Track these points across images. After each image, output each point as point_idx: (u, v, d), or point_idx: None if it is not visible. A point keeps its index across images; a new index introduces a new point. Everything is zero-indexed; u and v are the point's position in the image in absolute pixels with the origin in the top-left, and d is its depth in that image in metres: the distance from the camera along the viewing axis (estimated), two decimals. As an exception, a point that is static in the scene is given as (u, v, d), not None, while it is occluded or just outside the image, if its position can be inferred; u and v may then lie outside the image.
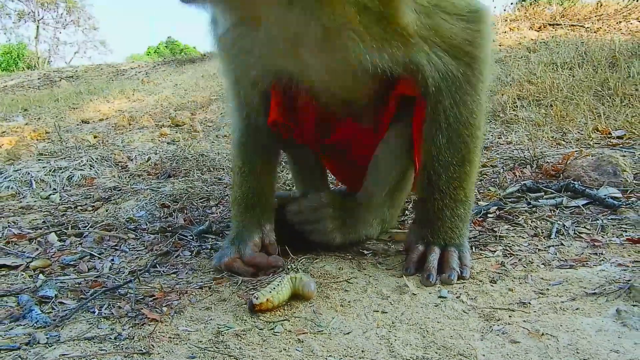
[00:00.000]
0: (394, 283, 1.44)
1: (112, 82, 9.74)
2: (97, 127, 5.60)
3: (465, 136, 1.52)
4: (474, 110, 1.51)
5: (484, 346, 1.09)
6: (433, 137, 1.53)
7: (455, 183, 1.53)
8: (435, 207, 1.54)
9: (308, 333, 1.17)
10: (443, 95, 1.48)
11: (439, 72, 1.46)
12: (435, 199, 1.54)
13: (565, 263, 1.53)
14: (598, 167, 2.24)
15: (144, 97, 7.60)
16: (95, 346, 1.13)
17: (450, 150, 1.52)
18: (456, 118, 1.50)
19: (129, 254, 1.73)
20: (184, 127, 5.33)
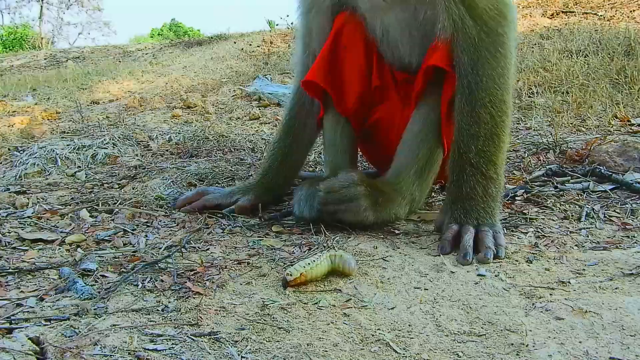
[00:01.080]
0: (431, 261, 1.45)
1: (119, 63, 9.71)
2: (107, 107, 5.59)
3: (489, 106, 1.54)
4: (494, 79, 1.54)
5: (529, 322, 1.11)
6: (460, 108, 1.57)
7: (485, 157, 1.55)
8: (469, 186, 1.56)
9: (353, 308, 1.19)
10: (461, 53, 1.54)
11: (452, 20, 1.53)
12: (468, 175, 1.56)
13: (598, 245, 1.54)
14: (623, 153, 2.25)
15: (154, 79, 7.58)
16: (143, 317, 1.15)
17: (476, 121, 1.54)
18: (477, 83, 1.54)
19: (162, 231, 1.74)
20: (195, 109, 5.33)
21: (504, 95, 1.55)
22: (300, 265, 1.32)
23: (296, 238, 1.64)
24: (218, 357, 0.99)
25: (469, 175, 1.56)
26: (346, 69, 1.89)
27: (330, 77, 1.88)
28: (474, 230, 1.51)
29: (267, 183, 1.98)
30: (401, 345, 1.03)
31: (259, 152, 2.80)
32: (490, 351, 1.00)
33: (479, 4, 1.51)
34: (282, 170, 1.99)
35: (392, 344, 1.03)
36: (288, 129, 2.00)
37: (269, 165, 2.00)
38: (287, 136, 2.00)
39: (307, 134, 2.02)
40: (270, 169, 1.99)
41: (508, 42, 1.55)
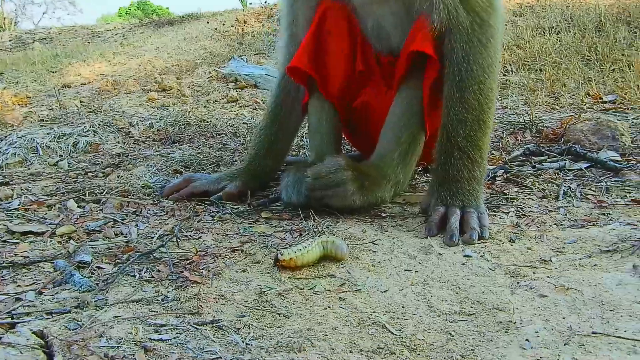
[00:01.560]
0: (418, 244, 1.51)
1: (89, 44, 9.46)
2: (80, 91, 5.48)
3: (477, 93, 1.61)
4: (483, 67, 1.62)
5: (515, 300, 1.17)
6: (450, 94, 1.64)
7: (472, 141, 1.61)
8: (455, 169, 1.62)
9: (347, 292, 1.24)
10: (453, 42, 1.60)
11: (446, 9, 1.59)
12: (456, 159, 1.62)
13: (576, 223, 1.61)
14: (597, 131, 2.33)
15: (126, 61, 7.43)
16: (144, 308, 1.17)
17: (465, 107, 1.61)
18: (468, 71, 1.61)
19: (152, 220, 1.75)
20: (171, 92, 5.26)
21: (491, 83, 1.62)
22: (292, 250, 1.36)
23: (286, 224, 1.68)
24: (223, 344, 1.02)
25: (457, 158, 1.61)
26: (330, 53, 1.91)
27: (315, 62, 1.90)
28: (459, 212, 1.57)
29: (254, 169, 2.00)
30: (396, 327, 1.08)
31: (241, 136, 2.81)
32: (480, 329, 1.06)
33: None
34: (269, 157, 2.02)
35: (388, 326, 1.08)
36: (274, 116, 2.02)
37: (256, 152, 2.02)
38: (272, 123, 2.02)
39: (292, 121, 2.05)
40: (257, 156, 2.01)
41: (497, 32, 1.63)
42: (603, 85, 3.72)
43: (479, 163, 1.65)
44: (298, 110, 2.03)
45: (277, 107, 2.03)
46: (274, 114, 2.03)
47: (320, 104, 1.95)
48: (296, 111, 2.03)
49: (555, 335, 1.02)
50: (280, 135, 2.03)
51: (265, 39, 7.19)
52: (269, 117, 2.04)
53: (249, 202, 1.89)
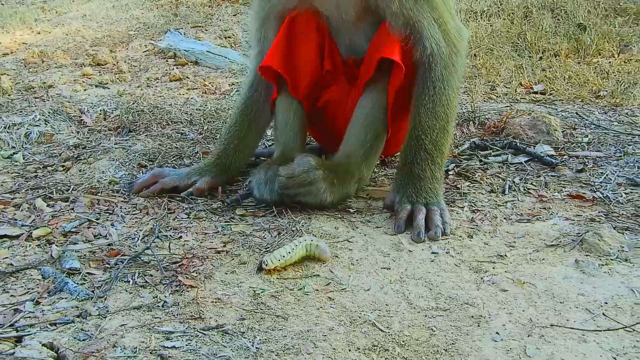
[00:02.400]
0: (389, 241, 1.65)
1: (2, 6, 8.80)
2: (3, 63, 5.16)
3: (446, 107, 1.86)
4: (453, 88, 1.87)
5: (481, 295, 1.35)
6: (421, 103, 1.83)
7: (437, 146, 1.82)
8: (420, 168, 1.79)
9: (334, 291, 1.36)
10: (434, 65, 1.82)
11: (434, 41, 1.81)
12: (421, 160, 1.81)
13: (522, 217, 1.82)
14: (534, 126, 2.56)
15: (50, 29, 7.01)
16: (147, 314, 1.24)
17: (435, 116, 1.82)
18: (441, 89, 1.84)
19: (127, 219, 1.78)
20: (107, 67, 5.08)
21: (456, 99, 1.89)
22: (276, 257, 1.46)
23: (263, 222, 1.77)
24: (234, 349, 1.12)
25: (422, 159, 1.79)
26: (300, 54, 1.98)
27: (285, 61, 1.97)
28: (425, 210, 1.73)
29: (223, 164, 2.06)
30: (384, 325, 1.23)
31: (197, 124, 2.82)
32: (456, 324, 1.23)
33: (450, 30, 1.83)
34: (237, 152, 2.08)
35: (377, 324, 1.22)
36: (244, 115, 2.09)
37: (225, 147, 2.07)
38: (243, 121, 2.08)
39: (262, 121, 2.13)
40: (226, 151, 2.07)
41: (463, 58, 1.91)
42: (533, 74, 4.01)
43: (440, 165, 1.84)
44: (267, 112, 2.10)
45: (247, 108, 2.09)
46: (244, 114, 2.09)
47: (289, 101, 2.03)
48: (266, 113, 2.11)
49: (520, 328, 1.21)
50: (250, 133, 2.09)
51: (201, 10, 7.02)
52: (239, 116, 2.10)
53: (222, 198, 1.95)
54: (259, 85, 2.11)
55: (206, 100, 3.34)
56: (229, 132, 2.10)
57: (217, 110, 3.02)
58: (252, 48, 2.11)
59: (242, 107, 2.10)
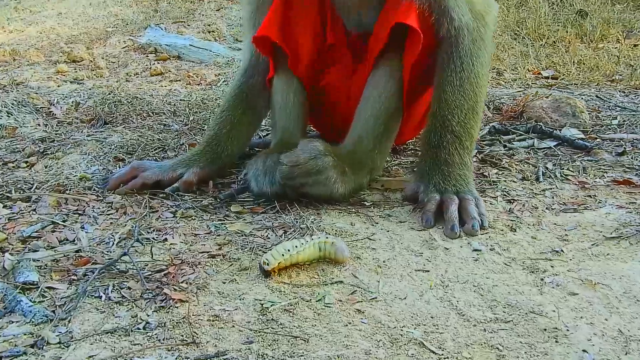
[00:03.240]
0: (418, 237, 1.38)
1: (-27, 8, 8.41)
2: (-29, 62, 4.82)
3: (475, 85, 1.61)
4: (482, 64, 1.62)
5: (547, 301, 1.08)
6: (447, 81, 1.59)
7: (465, 128, 1.58)
8: (447, 152, 1.54)
9: (363, 302, 1.08)
10: (462, 40, 1.58)
11: (461, 12, 1.57)
12: (448, 143, 1.55)
13: (567, 207, 1.56)
14: (557, 109, 2.31)
15: (23, 28, 6.65)
16: (124, 340, 0.95)
17: (463, 95, 1.59)
18: (470, 65, 1.60)
19: (101, 220, 1.49)
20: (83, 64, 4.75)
21: (485, 76, 1.64)
22: (279, 251, 1.18)
23: (264, 219, 1.48)
24: (241, 386, 0.84)
25: (449, 142, 1.54)
26: (300, 25, 1.71)
27: (283, 32, 1.69)
28: (457, 199, 1.46)
29: (213, 152, 1.77)
30: (435, 344, 0.95)
31: (182, 115, 2.52)
32: (528, 340, 0.95)
33: (476, 2, 1.61)
34: (230, 139, 1.79)
35: (427, 343, 0.94)
36: (238, 102, 1.82)
37: (215, 132, 1.79)
38: (237, 105, 1.81)
39: (258, 107, 1.86)
40: (217, 137, 1.78)
41: (491, 31, 1.68)
42: (537, 60, 3.79)
43: (469, 150, 1.60)
44: (264, 100, 1.83)
45: (242, 93, 1.83)
46: (238, 99, 1.82)
47: (288, 80, 1.75)
48: (262, 100, 1.83)
49: (610, 343, 0.94)
50: (244, 119, 1.81)
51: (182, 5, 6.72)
52: (232, 100, 1.82)
53: (213, 193, 1.66)
54: (254, 71, 1.84)
55: (191, 91, 3.04)
56: (221, 116, 1.81)
57: (204, 100, 2.72)
58: (246, 34, 1.85)
59: (236, 92, 1.83)
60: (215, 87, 3.11)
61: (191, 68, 4.09)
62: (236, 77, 1.93)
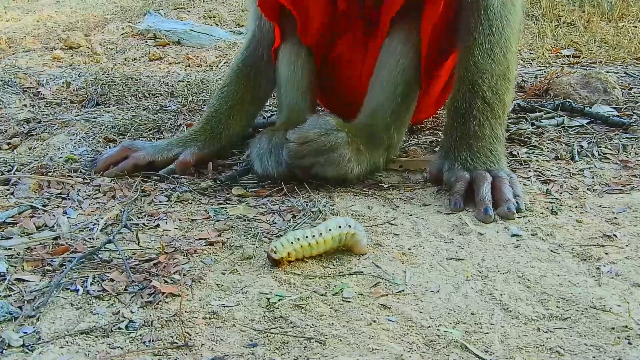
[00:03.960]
0: (445, 221, 1.20)
1: (-29, -2, 8.25)
2: (-35, 50, 4.65)
3: (505, 50, 1.45)
4: (513, 28, 1.46)
5: (608, 294, 0.90)
6: (476, 42, 1.42)
7: (497, 95, 1.42)
8: (478, 123, 1.37)
9: (389, 295, 0.91)
10: (493, 7, 1.42)
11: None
12: (479, 112, 1.38)
13: (610, 187, 1.38)
14: (587, 85, 2.13)
15: (20, 16, 6.48)
16: (101, 343, 0.78)
17: (493, 59, 1.43)
18: (499, 28, 1.43)
19: (85, 204, 1.32)
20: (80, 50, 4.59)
21: (516, 42, 1.49)
22: (288, 239, 1.01)
23: (271, 202, 1.31)
24: (244, 402, 0.67)
25: (479, 110, 1.37)
26: None
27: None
28: (490, 178, 1.29)
29: (213, 130, 1.60)
30: (480, 346, 0.77)
31: (180, 96, 2.35)
32: (594, 342, 0.78)
33: None
34: (232, 116, 1.62)
35: (470, 346, 0.77)
36: (241, 77, 1.65)
37: (215, 109, 1.62)
38: (238, 82, 1.64)
39: (263, 85, 1.69)
40: (217, 114, 1.61)
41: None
42: (555, 39, 3.60)
43: (501, 121, 1.42)
44: (269, 77, 1.66)
45: (246, 68, 1.66)
46: (241, 74, 1.66)
47: (296, 49, 1.58)
48: (267, 77, 1.67)
49: (697, 344, 0.76)
50: (247, 96, 1.64)
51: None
52: (234, 75, 1.66)
53: (212, 175, 1.49)
54: (258, 44, 1.68)
55: (190, 73, 2.87)
56: (222, 92, 1.64)
57: (203, 80, 2.56)
58: (251, 2, 1.69)
59: (239, 66, 1.66)
60: (216, 68, 2.94)
61: (191, 52, 3.92)
62: (239, 51, 1.76)
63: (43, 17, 6.37)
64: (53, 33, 5.34)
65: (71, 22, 5.99)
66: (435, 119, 1.96)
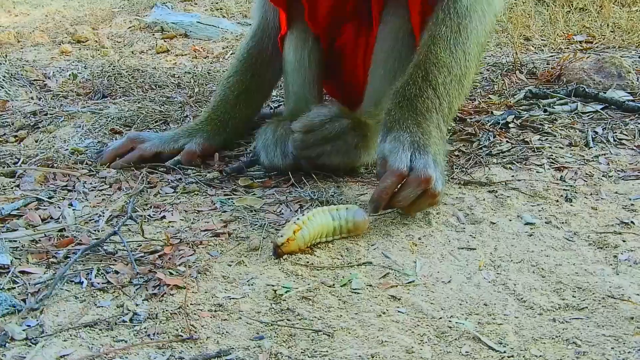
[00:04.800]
0: (456, 210, 1.17)
1: (-19, -6, 8.28)
2: (-28, 47, 4.67)
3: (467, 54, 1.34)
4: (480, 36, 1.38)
5: (627, 283, 0.87)
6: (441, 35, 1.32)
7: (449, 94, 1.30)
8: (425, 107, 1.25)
9: (399, 286, 0.88)
10: None
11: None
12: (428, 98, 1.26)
13: (626, 174, 1.35)
14: (600, 70, 2.08)
15: (29, 11, 6.50)
16: (105, 336, 0.77)
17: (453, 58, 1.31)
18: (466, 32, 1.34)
19: (91, 196, 1.31)
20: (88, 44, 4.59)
21: (480, 51, 1.41)
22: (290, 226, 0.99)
23: (277, 193, 1.29)
24: (250, 396, 0.65)
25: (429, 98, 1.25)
26: None
27: None
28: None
29: (219, 120, 1.58)
30: (494, 338, 0.75)
31: (186, 87, 2.33)
32: (612, 333, 0.75)
33: None
34: (238, 106, 1.60)
35: (483, 338, 0.75)
36: (247, 66, 1.63)
37: (221, 99, 1.59)
38: (244, 71, 1.62)
39: (269, 74, 1.67)
40: (223, 104, 1.59)
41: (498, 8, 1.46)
42: (566, 25, 3.53)
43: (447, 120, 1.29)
44: (275, 67, 1.64)
45: (251, 58, 1.64)
46: (247, 64, 1.64)
47: (303, 37, 1.55)
48: (273, 68, 1.65)
49: None
50: (252, 85, 1.61)
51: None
52: (240, 65, 1.64)
53: (219, 166, 1.47)
54: (264, 34, 1.65)
55: (197, 64, 2.85)
56: (227, 82, 1.62)
57: (210, 71, 2.53)
58: None
59: (244, 56, 1.64)
60: (222, 59, 2.91)
61: (198, 44, 3.90)
62: (244, 40, 1.74)
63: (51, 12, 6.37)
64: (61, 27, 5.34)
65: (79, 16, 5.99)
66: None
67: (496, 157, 1.47)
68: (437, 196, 1.10)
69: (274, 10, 1.61)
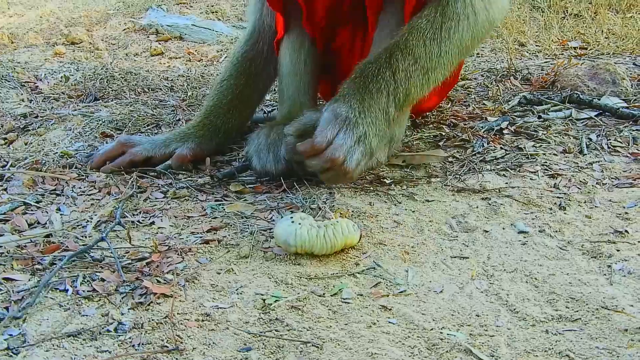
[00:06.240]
0: (449, 218, 1.16)
1: (-25, -5, 8.24)
2: (-35, 48, 4.63)
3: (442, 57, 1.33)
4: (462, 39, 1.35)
5: (621, 293, 0.86)
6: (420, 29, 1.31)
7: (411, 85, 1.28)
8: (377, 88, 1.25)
9: (390, 296, 0.87)
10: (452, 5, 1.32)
11: None
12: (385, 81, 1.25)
13: (621, 181, 1.34)
14: (595, 76, 2.07)
15: (24, 12, 6.46)
16: (88, 346, 0.75)
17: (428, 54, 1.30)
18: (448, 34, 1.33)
19: (80, 201, 1.29)
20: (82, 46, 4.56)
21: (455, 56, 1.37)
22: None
23: (269, 199, 1.27)
24: (235, 411, 0.63)
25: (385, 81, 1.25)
26: None
27: None
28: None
29: (211, 125, 1.56)
30: (485, 350, 0.74)
31: (180, 91, 2.31)
32: (606, 346, 0.74)
33: None
34: (231, 111, 1.58)
35: (475, 350, 0.73)
36: (241, 71, 1.61)
37: (214, 103, 1.58)
38: (238, 76, 1.60)
39: (263, 79, 1.65)
40: (216, 108, 1.57)
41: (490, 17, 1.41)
42: (562, 32, 3.54)
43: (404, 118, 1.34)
44: (269, 72, 1.63)
45: (245, 62, 1.62)
46: (241, 68, 1.62)
47: (299, 41, 1.53)
48: (267, 72, 1.63)
49: None
50: (247, 90, 1.60)
51: (185, -13, 6.50)
52: (233, 69, 1.62)
53: (210, 171, 1.45)
54: (259, 37, 1.63)
55: (190, 67, 2.83)
56: (220, 86, 1.60)
57: (204, 75, 2.52)
58: None
59: (238, 59, 1.62)
60: (216, 62, 2.90)
61: (193, 46, 3.89)
62: (238, 44, 1.72)
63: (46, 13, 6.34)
64: (55, 28, 5.31)
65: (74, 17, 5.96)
66: (439, 113, 1.91)
67: (490, 164, 1.46)
68: (349, 173, 1.12)
69: (270, 14, 1.59)
